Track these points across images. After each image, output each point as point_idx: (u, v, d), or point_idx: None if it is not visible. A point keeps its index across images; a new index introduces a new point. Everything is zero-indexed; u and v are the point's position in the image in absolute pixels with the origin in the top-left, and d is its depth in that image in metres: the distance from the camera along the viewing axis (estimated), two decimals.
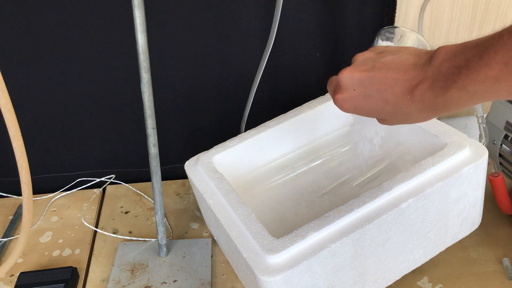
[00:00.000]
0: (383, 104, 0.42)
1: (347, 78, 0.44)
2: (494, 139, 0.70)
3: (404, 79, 0.40)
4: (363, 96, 0.43)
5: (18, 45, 0.72)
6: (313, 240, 0.50)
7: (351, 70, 0.44)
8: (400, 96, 0.40)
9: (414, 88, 0.39)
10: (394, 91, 0.41)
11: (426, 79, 0.39)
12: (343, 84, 0.45)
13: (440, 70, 0.38)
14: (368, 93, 0.43)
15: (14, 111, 0.51)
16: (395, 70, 0.41)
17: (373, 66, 0.43)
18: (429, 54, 0.40)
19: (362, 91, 0.43)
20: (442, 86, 0.37)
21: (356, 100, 0.44)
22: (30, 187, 0.56)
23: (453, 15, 0.83)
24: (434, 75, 0.38)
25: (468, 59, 0.35)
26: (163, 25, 0.74)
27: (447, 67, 0.37)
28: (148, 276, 0.67)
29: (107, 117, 0.81)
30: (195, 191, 0.66)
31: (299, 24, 0.78)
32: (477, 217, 0.64)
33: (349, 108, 0.45)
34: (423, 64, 0.40)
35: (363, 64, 0.44)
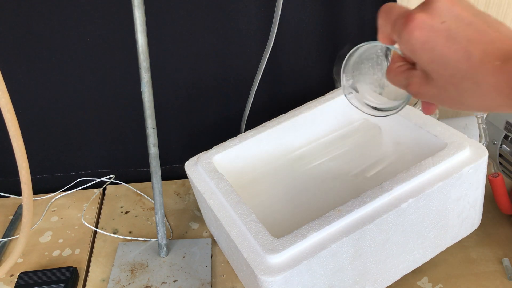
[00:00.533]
0: (461, 58, 0.34)
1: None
2: (494, 139, 0.70)
3: (506, 43, 0.33)
4: (447, 36, 0.35)
5: (18, 45, 0.72)
6: (313, 240, 0.50)
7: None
8: (490, 56, 0.33)
9: (511, 58, 0.32)
10: (486, 48, 0.33)
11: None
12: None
13: None
14: (456, 35, 0.34)
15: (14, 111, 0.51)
16: (499, 31, 0.34)
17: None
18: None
19: (451, 29, 0.35)
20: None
21: (435, 35, 0.35)
22: (30, 187, 0.56)
23: None
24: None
25: None
26: (163, 25, 0.74)
27: None
28: (148, 276, 0.67)
29: (107, 117, 0.81)
30: (195, 191, 0.66)
31: (299, 24, 0.78)
32: (477, 217, 0.64)
33: (419, 38, 0.35)
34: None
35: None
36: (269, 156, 0.69)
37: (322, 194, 0.65)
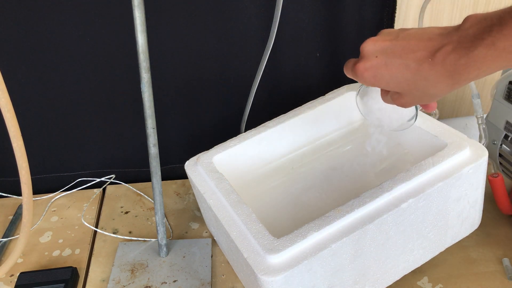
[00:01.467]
0: (404, 70, 0.42)
1: (370, 45, 0.45)
2: (494, 139, 0.70)
3: (427, 45, 0.41)
4: (384, 64, 0.43)
5: (18, 45, 0.72)
6: (313, 240, 0.50)
7: (374, 39, 0.45)
8: (421, 60, 0.41)
9: (437, 51, 0.40)
10: (416, 55, 0.41)
11: (450, 43, 0.39)
12: (366, 52, 0.45)
13: (467, 33, 0.38)
14: (390, 60, 0.43)
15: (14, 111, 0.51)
16: (419, 38, 0.42)
17: (397, 35, 0.44)
18: (457, 26, 0.40)
19: (384, 58, 0.43)
20: (468, 46, 0.37)
21: (377, 68, 0.44)
22: (30, 187, 0.56)
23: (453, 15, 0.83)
24: (460, 38, 0.38)
25: (501, 16, 0.36)
26: (163, 25, 0.74)
27: (475, 29, 0.37)
28: (148, 276, 0.67)
29: (107, 117, 0.81)
30: (195, 191, 0.66)
31: (299, 24, 0.78)
32: (477, 218, 0.64)
33: (369, 76, 0.45)
34: (449, 31, 0.40)
35: (388, 34, 0.45)
36: (269, 156, 0.69)
37: (322, 194, 0.65)
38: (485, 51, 0.37)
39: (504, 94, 0.68)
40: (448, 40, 0.39)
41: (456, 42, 0.38)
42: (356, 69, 0.46)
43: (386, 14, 0.80)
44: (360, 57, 0.46)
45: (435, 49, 0.40)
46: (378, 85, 0.45)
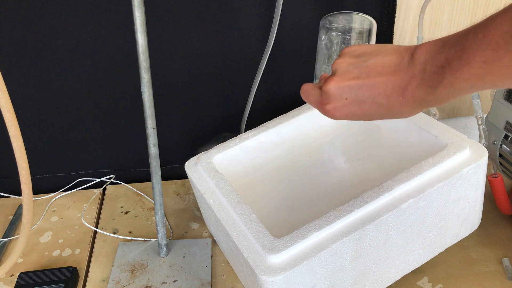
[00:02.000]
0: (377, 108, 0.43)
1: (336, 88, 0.44)
2: (494, 139, 0.70)
3: (393, 82, 0.41)
4: (356, 103, 0.44)
5: (18, 45, 0.72)
6: (313, 240, 0.50)
7: (338, 80, 0.44)
8: (392, 98, 0.41)
9: (405, 89, 0.40)
10: (386, 94, 0.42)
11: (413, 79, 0.40)
12: (333, 94, 0.45)
13: (425, 69, 0.39)
14: (361, 99, 0.43)
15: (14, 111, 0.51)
16: (382, 74, 0.42)
17: (360, 72, 0.44)
18: (409, 52, 0.41)
19: (354, 98, 0.44)
20: (430, 85, 0.38)
21: (348, 108, 0.44)
22: (30, 187, 0.56)
23: (453, 16, 0.83)
24: (420, 74, 0.39)
25: (448, 58, 0.36)
26: (163, 25, 0.74)
27: (430, 66, 0.38)
28: (148, 276, 0.67)
29: (107, 117, 0.81)
30: (195, 191, 0.66)
31: (299, 24, 0.78)
32: (476, 218, 0.64)
33: (342, 116, 0.46)
34: (407, 63, 0.40)
35: (348, 72, 0.44)
36: (269, 156, 0.69)
37: (322, 194, 0.65)
38: (446, 90, 0.37)
39: (504, 94, 0.68)
40: (410, 74, 0.40)
41: (419, 79, 0.39)
42: (326, 110, 0.46)
43: (386, 14, 0.80)
44: (326, 98, 0.45)
45: (402, 87, 0.40)
46: (352, 120, 0.46)
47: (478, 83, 0.35)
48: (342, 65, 0.45)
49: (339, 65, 0.46)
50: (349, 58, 0.46)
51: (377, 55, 0.43)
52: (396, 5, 0.79)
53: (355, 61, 0.45)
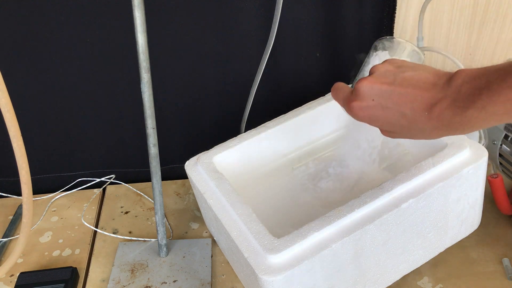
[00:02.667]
0: (400, 117, 0.43)
1: (368, 87, 0.45)
2: (494, 139, 0.70)
3: (424, 96, 0.41)
4: (381, 107, 0.44)
5: (18, 45, 0.72)
6: (314, 240, 0.50)
7: (371, 81, 0.45)
8: (418, 111, 0.42)
9: (433, 105, 0.40)
10: (413, 106, 0.42)
11: (445, 98, 0.40)
12: (362, 92, 0.45)
13: (460, 90, 0.39)
14: (387, 105, 0.44)
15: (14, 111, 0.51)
16: (415, 87, 0.42)
17: (394, 79, 0.44)
18: (448, 76, 0.41)
19: (381, 102, 0.44)
20: (461, 106, 0.38)
21: (373, 110, 0.45)
22: (30, 187, 0.56)
23: (453, 16, 0.83)
24: (453, 95, 0.39)
25: (489, 81, 0.37)
26: (163, 25, 0.74)
27: (467, 88, 0.38)
28: (148, 276, 0.67)
29: (107, 117, 0.81)
30: (195, 191, 0.66)
31: (299, 24, 0.78)
32: (476, 218, 0.64)
33: (364, 117, 0.46)
34: (443, 84, 0.41)
35: (384, 76, 0.45)
36: (269, 156, 0.69)
37: (322, 194, 0.65)
38: (477, 113, 0.38)
39: None
40: (443, 94, 0.40)
41: (451, 99, 0.39)
42: (351, 107, 0.46)
43: (386, 14, 0.80)
44: (356, 94, 0.46)
45: (431, 103, 0.41)
46: (372, 124, 0.46)
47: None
48: (381, 69, 0.46)
49: (377, 68, 0.47)
50: (389, 65, 0.46)
51: (416, 70, 0.44)
52: (396, 5, 0.79)
53: (393, 69, 0.45)
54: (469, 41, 0.86)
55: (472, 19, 0.84)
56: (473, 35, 0.86)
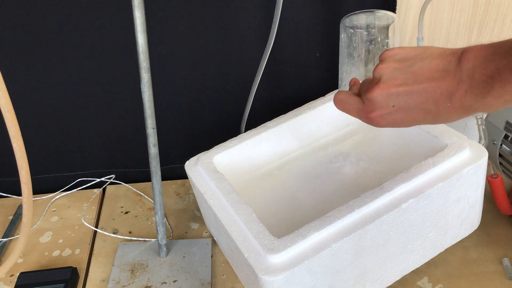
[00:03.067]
0: (425, 114, 0.42)
1: (383, 96, 0.43)
2: (494, 139, 0.70)
3: (441, 87, 0.40)
4: (403, 110, 0.43)
5: (18, 45, 0.72)
6: (314, 240, 0.50)
7: (384, 88, 0.43)
8: (441, 104, 0.41)
9: (452, 95, 0.40)
10: (434, 100, 0.41)
11: (461, 84, 0.39)
12: (379, 102, 0.43)
13: (473, 76, 0.38)
14: (408, 106, 0.42)
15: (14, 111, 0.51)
16: (430, 79, 0.41)
17: (406, 78, 0.42)
18: (456, 56, 0.40)
19: (402, 106, 0.42)
20: (478, 93, 0.38)
21: (396, 115, 0.43)
22: (30, 187, 0.56)
23: (453, 16, 0.83)
24: (468, 81, 0.38)
25: (499, 69, 0.36)
26: (163, 25, 0.74)
27: (479, 75, 0.37)
28: (148, 276, 0.67)
29: (107, 117, 0.81)
30: (195, 191, 0.66)
31: (299, 24, 0.78)
32: (476, 218, 0.64)
33: (388, 123, 0.44)
34: (454, 68, 0.40)
35: (394, 78, 0.43)
36: (269, 156, 0.69)
37: (323, 194, 0.65)
38: (495, 100, 0.37)
39: None
40: (457, 80, 0.39)
41: (467, 85, 0.38)
42: (371, 118, 0.45)
43: None
44: (372, 105, 0.44)
45: (450, 92, 0.40)
46: (398, 127, 0.45)
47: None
48: (387, 70, 0.44)
49: (383, 70, 0.44)
50: (392, 63, 0.44)
51: (423, 60, 0.42)
52: (396, 5, 0.79)
53: (399, 66, 0.43)
54: (469, 41, 0.86)
55: (472, 19, 0.84)
56: (473, 35, 0.86)
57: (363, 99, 0.45)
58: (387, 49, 0.46)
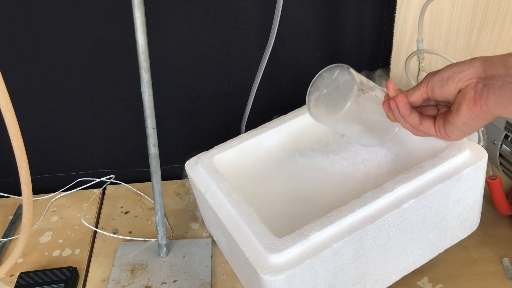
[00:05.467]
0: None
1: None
2: (494, 139, 0.70)
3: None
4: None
5: (18, 45, 0.72)
6: (315, 239, 0.50)
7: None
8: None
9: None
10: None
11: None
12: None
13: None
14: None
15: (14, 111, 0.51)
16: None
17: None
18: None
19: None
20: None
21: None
22: (30, 187, 0.56)
23: (453, 15, 0.83)
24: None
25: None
26: (163, 25, 0.74)
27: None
28: (148, 276, 0.67)
29: (107, 117, 0.81)
30: (195, 191, 0.66)
31: (299, 24, 0.78)
32: (475, 219, 0.64)
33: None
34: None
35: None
36: (269, 156, 0.69)
37: (323, 194, 0.65)
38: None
39: None
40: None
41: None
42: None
43: (386, 15, 0.80)
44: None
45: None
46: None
47: None
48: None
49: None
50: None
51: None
52: (396, 5, 0.79)
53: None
54: (469, 41, 0.86)
55: (472, 19, 0.84)
56: (473, 35, 0.86)
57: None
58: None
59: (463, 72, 0.47)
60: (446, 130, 0.50)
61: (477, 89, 0.45)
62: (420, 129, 0.53)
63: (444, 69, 0.49)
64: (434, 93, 0.50)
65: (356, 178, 0.65)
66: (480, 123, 0.47)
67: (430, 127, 0.52)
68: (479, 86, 0.45)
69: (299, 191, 0.66)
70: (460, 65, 0.47)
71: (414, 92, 0.52)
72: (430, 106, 0.54)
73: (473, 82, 0.46)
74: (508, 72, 0.42)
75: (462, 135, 0.51)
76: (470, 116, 0.47)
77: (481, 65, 0.45)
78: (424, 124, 0.52)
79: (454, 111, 0.48)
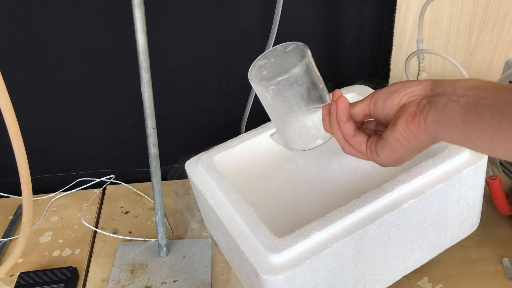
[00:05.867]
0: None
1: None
2: None
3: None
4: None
5: (18, 45, 0.72)
6: (315, 239, 0.50)
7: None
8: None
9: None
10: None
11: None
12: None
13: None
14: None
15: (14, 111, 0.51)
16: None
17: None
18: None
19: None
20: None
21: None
22: (30, 187, 0.56)
23: (453, 15, 0.83)
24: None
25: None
26: (163, 25, 0.74)
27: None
28: (148, 276, 0.67)
29: (107, 117, 0.81)
30: (195, 191, 0.66)
31: (299, 24, 0.78)
32: (475, 219, 0.64)
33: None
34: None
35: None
36: (269, 156, 0.69)
37: (323, 194, 0.65)
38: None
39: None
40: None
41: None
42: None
43: (386, 15, 0.80)
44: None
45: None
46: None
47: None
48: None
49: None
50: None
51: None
52: (396, 5, 0.79)
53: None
54: (469, 41, 0.86)
55: (472, 19, 0.84)
56: (473, 35, 0.86)
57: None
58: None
59: (410, 88, 0.45)
60: (377, 147, 0.48)
61: (420, 104, 0.44)
62: (351, 142, 0.51)
63: (393, 84, 0.48)
64: (376, 106, 0.48)
65: (356, 178, 0.65)
66: (413, 144, 0.45)
67: (362, 142, 0.50)
68: (423, 102, 0.43)
69: (299, 191, 0.66)
70: (410, 82, 0.46)
71: (357, 103, 0.51)
72: (369, 127, 0.53)
73: (418, 99, 0.44)
74: (455, 91, 0.41)
75: (391, 156, 0.48)
76: (404, 131, 0.44)
77: (431, 84, 0.44)
78: (357, 138, 0.50)
79: (390, 125, 0.46)
